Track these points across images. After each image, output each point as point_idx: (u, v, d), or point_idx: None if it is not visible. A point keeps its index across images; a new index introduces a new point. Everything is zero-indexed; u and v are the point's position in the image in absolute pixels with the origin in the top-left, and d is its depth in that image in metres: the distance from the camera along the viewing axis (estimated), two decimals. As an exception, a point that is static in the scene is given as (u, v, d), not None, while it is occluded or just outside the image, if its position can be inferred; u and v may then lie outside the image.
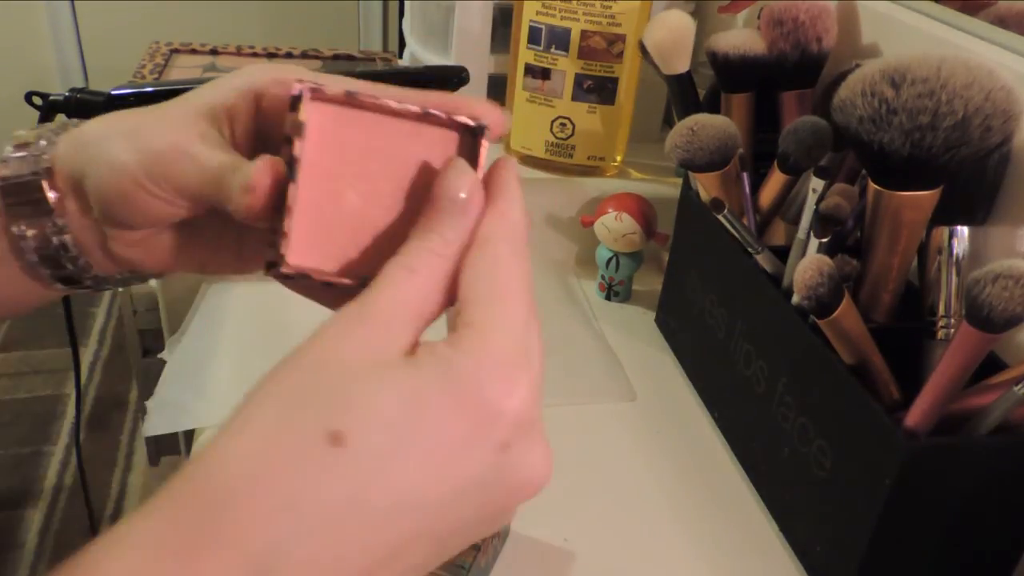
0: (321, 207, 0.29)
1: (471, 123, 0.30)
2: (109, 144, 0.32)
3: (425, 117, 0.30)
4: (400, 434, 0.23)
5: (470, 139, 0.30)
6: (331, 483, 0.22)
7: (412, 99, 0.30)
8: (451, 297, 0.27)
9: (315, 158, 0.29)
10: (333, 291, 0.29)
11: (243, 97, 0.33)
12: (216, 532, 0.22)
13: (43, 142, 0.34)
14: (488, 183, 0.29)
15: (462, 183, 0.27)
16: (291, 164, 0.28)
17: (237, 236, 0.37)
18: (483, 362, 0.25)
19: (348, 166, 0.29)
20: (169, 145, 0.31)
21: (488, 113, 0.30)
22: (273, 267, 0.29)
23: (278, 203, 0.29)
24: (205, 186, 0.31)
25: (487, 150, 0.30)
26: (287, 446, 0.23)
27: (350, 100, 0.29)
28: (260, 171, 0.28)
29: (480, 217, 0.28)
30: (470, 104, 0.30)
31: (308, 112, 0.28)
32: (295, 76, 0.31)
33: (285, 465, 0.22)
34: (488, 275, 0.27)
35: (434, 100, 0.30)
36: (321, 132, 0.29)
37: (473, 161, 0.29)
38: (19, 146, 0.34)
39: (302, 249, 0.29)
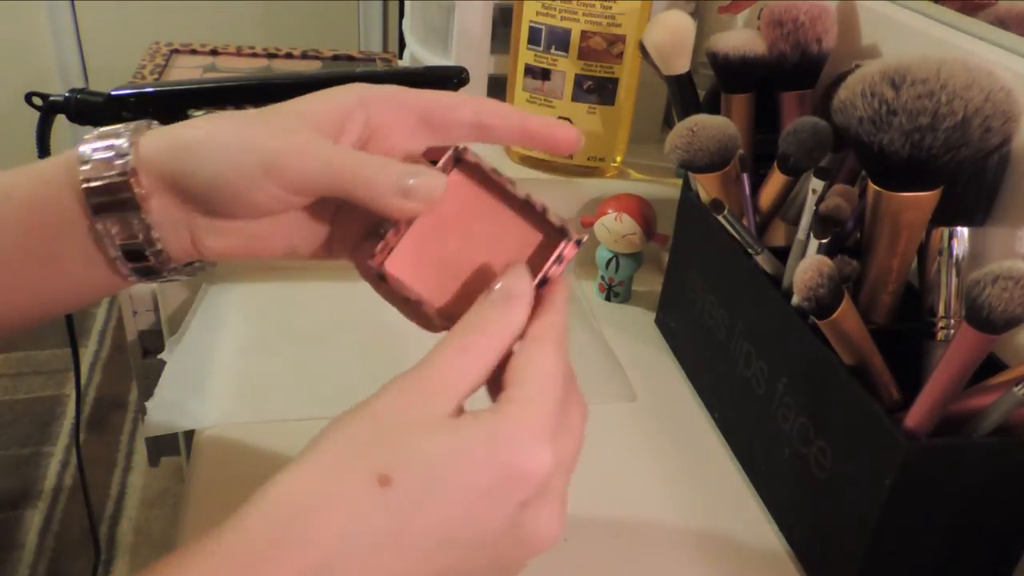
0: (427, 239, 0.36)
1: (559, 224, 0.35)
2: (217, 145, 0.35)
3: (527, 207, 0.35)
4: (437, 481, 0.28)
5: (557, 236, 0.35)
6: (376, 517, 0.27)
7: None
8: (490, 375, 0.32)
9: (440, 204, 0.35)
10: (408, 307, 0.36)
11: (343, 113, 0.37)
12: (277, 551, 0.27)
13: (123, 141, 0.36)
14: (546, 291, 0.34)
15: (513, 287, 0.33)
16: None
17: (331, 221, 0.40)
18: (519, 430, 0.29)
19: (459, 219, 0.35)
20: (288, 144, 0.35)
21: (556, 136, 0.39)
22: (370, 270, 0.36)
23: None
24: (332, 180, 0.34)
25: (572, 251, 0.35)
26: (342, 483, 0.28)
27: (480, 170, 0.36)
28: (433, 185, 0.34)
29: (525, 316, 0.33)
30: (549, 124, 0.38)
31: (449, 168, 0.36)
32: (401, 107, 0.38)
33: (339, 499, 0.27)
34: (533, 364, 0.31)
35: (535, 124, 0.39)
36: (452, 186, 0.35)
37: (546, 256, 0.34)
38: (99, 146, 0.36)
39: (401, 262, 0.36)
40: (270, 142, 0.35)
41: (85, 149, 0.36)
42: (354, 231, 0.40)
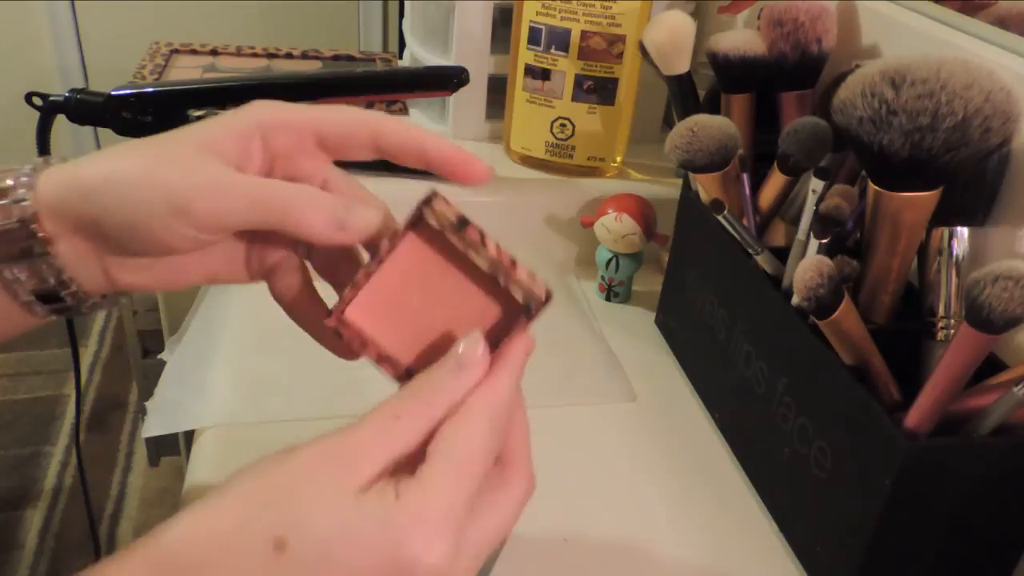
0: (388, 294, 0.34)
1: (521, 303, 0.33)
2: (122, 188, 0.33)
3: (391, 245, 0.33)
4: (329, 554, 0.28)
5: (517, 311, 0.33)
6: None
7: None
8: (426, 442, 0.31)
9: (403, 255, 0.34)
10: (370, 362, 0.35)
11: (244, 139, 0.35)
12: None
13: (20, 188, 0.34)
14: (499, 353, 0.33)
15: (465, 356, 0.32)
16: (384, 250, 0.34)
17: (248, 247, 0.39)
18: (416, 520, 0.29)
19: (423, 275, 0.34)
20: (197, 182, 0.33)
21: (464, 166, 0.35)
22: (329, 315, 0.34)
23: (349, 258, 0.35)
24: (257, 215, 0.34)
25: (531, 326, 0.33)
26: (240, 543, 0.28)
27: (451, 226, 0.33)
28: (369, 221, 0.34)
29: (472, 387, 0.32)
30: (453, 155, 0.35)
31: (420, 219, 0.33)
32: (297, 131, 0.36)
33: (235, 555, 0.28)
34: (456, 441, 0.31)
35: (436, 152, 0.35)
36: (418, 239, 0.34)
37: (507, 329, 0.33)
38: None
39: (361, 312, 0.34)
40: (178, 182, 0.33)
41: None
42: (273, 254, 0.40)
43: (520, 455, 0.34)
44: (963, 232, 0.49)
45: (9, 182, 0.34)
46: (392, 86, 0.83)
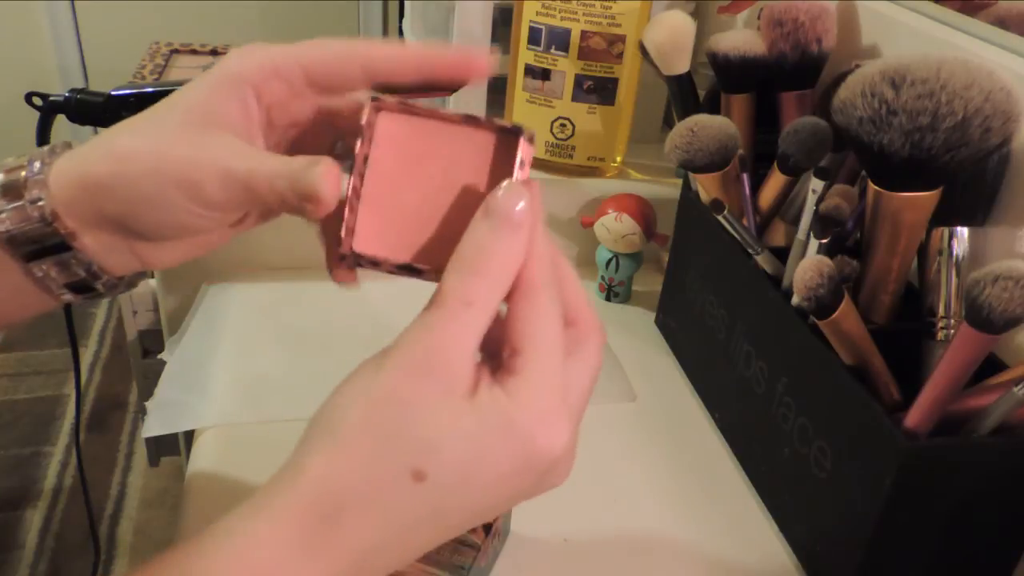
0: (383, 203, 0.33)
1: (508, 125, 0.32)
2: (134, 182, 0.33)
3: (469, 121, 0.32)
4: (467, 471, 0.29)
5: (510, 138, 0.32)
6: (415, 508, 0.29)
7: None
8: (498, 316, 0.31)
9: (379, 161, 0.33)
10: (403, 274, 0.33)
11: (240, 100, 0.34)
12: (331, 537, 0.28)
13: (33, 189, 0.34)
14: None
15: (509, 207, 0.30)
16: (359, 165, 0.32)
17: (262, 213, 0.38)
18: (536, 415, 0.29)
19: (407, 168, 0.33)
20: (211, 171, 0.33)
21: (462, 59, 0.34)
22: (344, 259, 0.33)
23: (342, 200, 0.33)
24: (253, 195, 0.33)
25: (528, 150, 0.32)
26: (381, 479, 0.28)
27: (406, 108, 0.33)
28: (325, 182, 0.31)
29: (527, 242, 0.31)
30: (451, 52, 0.34)
31: (374, 119, 0.32)
32: (287, 81, 0.34)
33: (381, 492, 0.28)
34: (533, 327, 0.30)
35: (435, 55, 0.34)
36: (385, 138, 0.33)
37: (511, 159, 0.32)
38: (7, 195, 0.34)
39: (368, 240, 0.33)
40: (187, 167, 0.33)
41: None
42: None
43: (581, 307, 0.33)
44: (963, 232, 0.49)
45: (23, 175, 0.34)
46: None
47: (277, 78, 0.34)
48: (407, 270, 0.33)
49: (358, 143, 0.32)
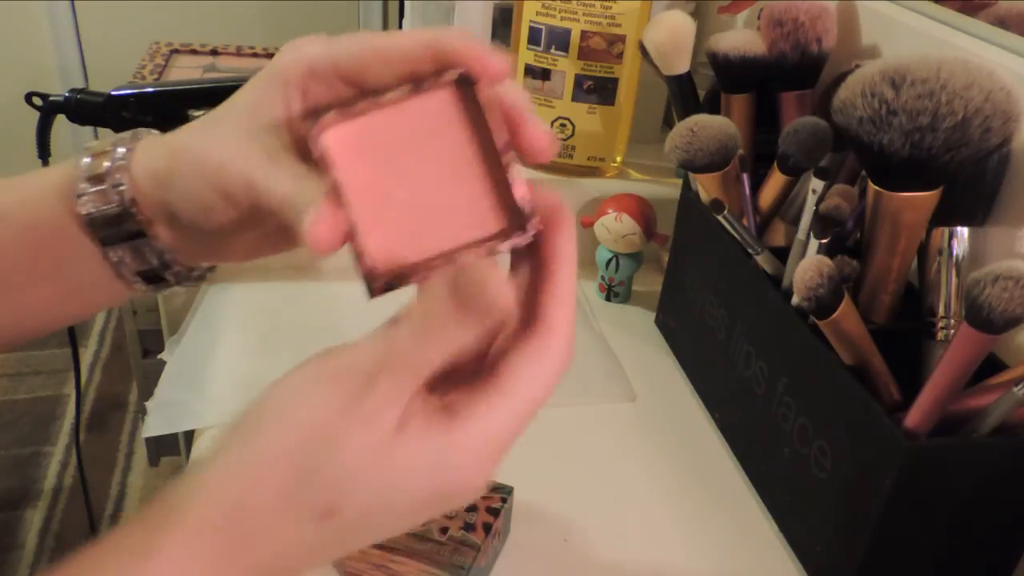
0: (379, 216, 0.31)
1: (455, 76, 0.30)
2: (185, 182, 0.34)
3: (416, 91, 0.30)
4: (378, 510, 0.29)
5: (467, 89, 0.30)
6: (320, 541, 0.29)
7: (407, 50, 0.31)
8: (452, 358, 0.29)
9: (350, 178, 0.31)
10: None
11: (285, 103, 0.33)
12: (237, 561, 0.28)
13: (116, 173, 0.35)
14: (549, 268, 0.30)
15: (490, 295, 0.28)
16: (335, 192, 0.30)
17: None
18: (467, 459, 0.29)
19: (380, 170, 0.31)
20: (238, 179, 0.33)
21: (480, 59, 0.30)
22: (371, 291, 0.31)
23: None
24: (280, 213, 0.32)
25: (491, 95, 0.30)
26: (294, 517, 0.28)
27: (346, 114, 0.31)
28: (317, 227, 0.30)
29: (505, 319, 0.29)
30: (459, 50, 0.31)
31: (322, 144, 0.30)
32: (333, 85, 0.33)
33: (289, 528, 0.28)
34: (526, 379, 0.29)
35: (427, 38, 0.31)
36: (343, 154, 0.31)
37: (478, 105, 0.30)
38: (92, 178, 0.35)
39: (384, 258, 0.31)
40: (226, 178, 0.33)
41: (81, 185, 0.35)
42: None
43: (558, 319, 0.30)
44: (963, 232, 0.49)
45: (106, 165, 0.35)
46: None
47: (314, 77, 0.33)
48: (438, 264, 0.31)
49: (328, 172, 0.30)
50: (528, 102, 0.32)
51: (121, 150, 0.35)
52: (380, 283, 0.31)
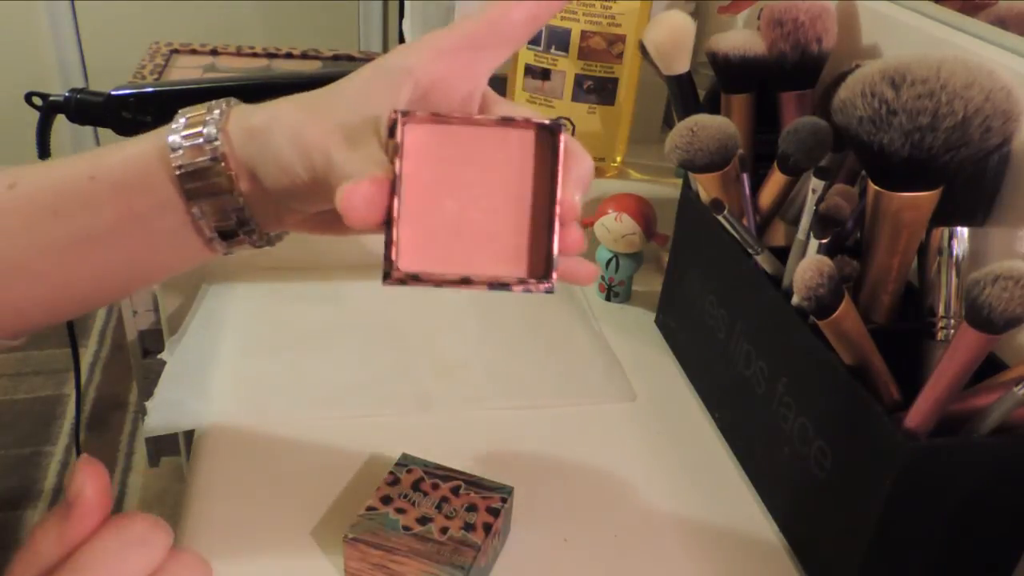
0: (423, 216, 0.32)
1: (547, 122, 0.32)
2: (274, 139, 0.37)
3: (505, 122, 0.32)
4: None
5: (548, 135, 0.32)
6: None
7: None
8: None
9: (413, 173, 0.32)
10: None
11: (395, 90, 0.36)
12: None
13: (211, 128, 0.37)
14: None
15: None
16: (394, 182, 0.32)
17: None
18: None
19: (443, 176, 0.32)
20: (320, 152, 0.35)
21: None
22: (387, 277, 0.32)
23: (387, 216, 0.32)
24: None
25: (566, 143, 0.32)
26: None
27: (437, 118, 0.33)
28: (355, 194, 0.32)
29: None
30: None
31: (403, 134, 0.32)
32: (450, 60, 0.37)
33: None
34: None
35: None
36: (417, 150, 0.32)
37: (554, 156, 0.32)
38: (188, 134, 0.38)
39: (410, 256, 0.32)
40: (312, 143, 0.36)
41: (175, 138, 0.38)
42: None
43: None
44: (963, 232, 0.49)
45: (203, 121, 0.38)
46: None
47: (440, 58, 0.37)
48: (453, 283, 0.32)
49: (395, 161, 0.32)
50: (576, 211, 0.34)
51: (217, 111, 0.38)
52: (396, 277, 0.32)
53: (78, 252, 0.38)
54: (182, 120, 0.38)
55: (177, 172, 0.37)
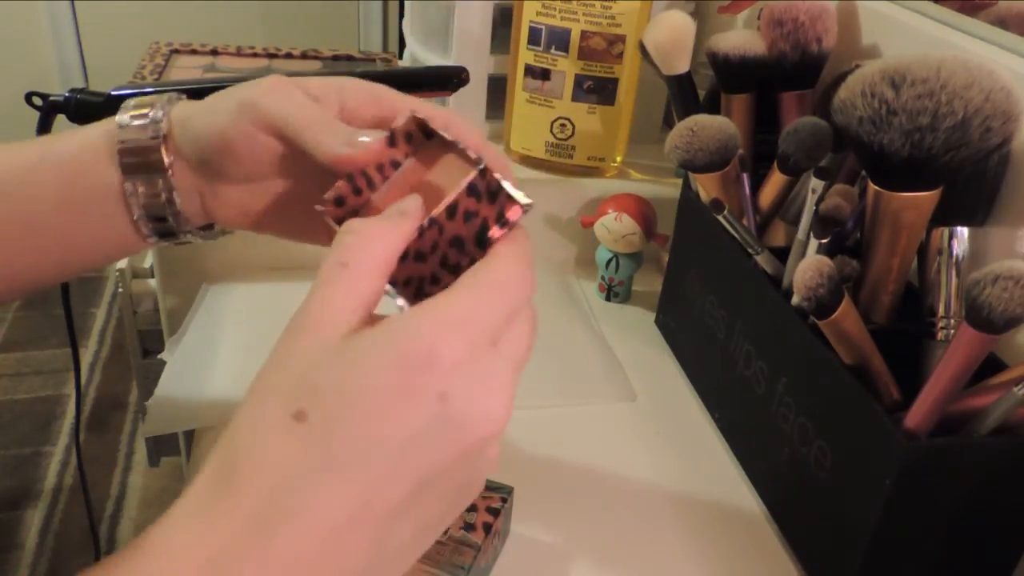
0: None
1: (475, 157, 0.33)
2: (215, 103, 0.40)
3: (460, 153, 0.35)
4: (346, 396, 0.27)
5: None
6: (303, 449, 0.27)
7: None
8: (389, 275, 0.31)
9: (411, 171, 0.37)
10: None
11: (325, 93, 0.40)
12: (225, 497, 0.27)
13: (159, 111, 0.40)
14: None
15: (404, 205, 0.33)
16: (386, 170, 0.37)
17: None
18: (423, 319, 0.28)
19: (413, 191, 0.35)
20: (269, 90, 0.38)
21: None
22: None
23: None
24: (290, 122, 0.38)
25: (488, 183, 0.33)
26: (265, 429, 0.28)
27: (436, 136, 0.36)
28: (347, 148, 0.36)
29: (407, 229, 0.32)
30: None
31: (405, 131, 0.36)
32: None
33: (266, 441, 0.27)
34: (482, 270, 0.30)
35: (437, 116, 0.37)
36: (422, 153, 0.37)
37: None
38: (136, 115, 0.40)
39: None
40: (253, 91, 0.39)
41: (123, 117, 0.40)
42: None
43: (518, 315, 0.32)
44: (963, 232, 0.49)
45: (152, 105, 0.41)
46: (392, 86, 0.83)
47: (371, 101, 0.41)
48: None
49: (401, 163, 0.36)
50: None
51: (165, 98, 0.41)
52: (330, 214, 0.36)
53: (18, 232, 0.40)
54: (133, 102, 0.41)
55: (119, 146, 0.40)
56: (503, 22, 0.84)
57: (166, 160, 0.40)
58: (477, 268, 0.30)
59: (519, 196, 0.31)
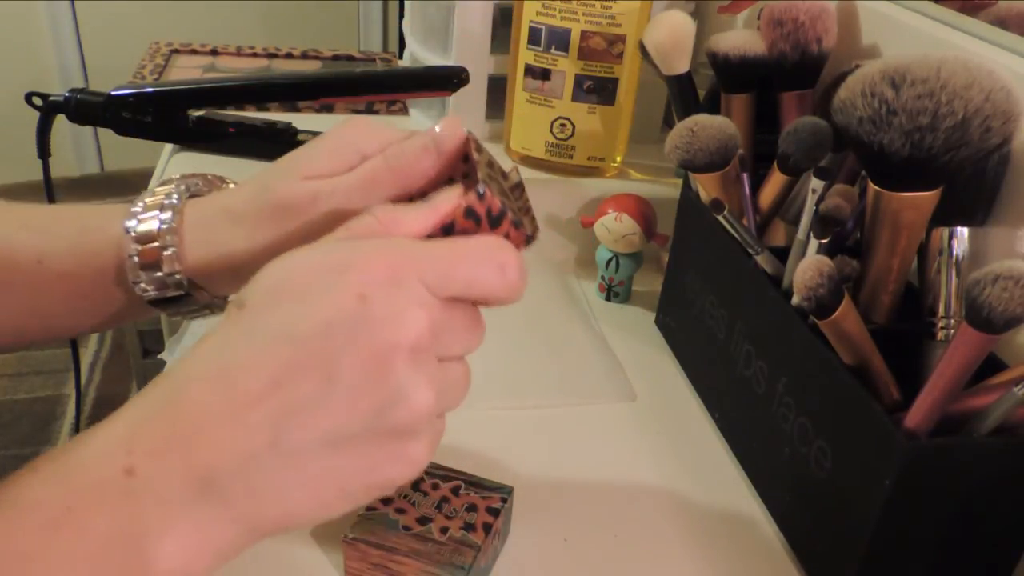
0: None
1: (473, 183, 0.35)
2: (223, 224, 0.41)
3: (470, 169, 0.38)
4: (278, 290, 0.31)
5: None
6: (233, 328, 0.31)
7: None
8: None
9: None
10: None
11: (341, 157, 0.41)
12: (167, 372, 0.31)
13: (174, 265, 0.40)
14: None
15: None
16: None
17: None
18: (365, 222, 0.32)
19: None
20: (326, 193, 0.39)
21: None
22: (531, 240, 0.36)
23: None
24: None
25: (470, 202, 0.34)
26: (219, 326, 0.31)
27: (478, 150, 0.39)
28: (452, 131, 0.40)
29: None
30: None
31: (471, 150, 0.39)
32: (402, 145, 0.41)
33: (216, 331, 0.31)
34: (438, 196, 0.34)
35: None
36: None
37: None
38: (144, 267, 0.40)
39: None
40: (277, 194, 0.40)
41: (133, 221, 0.40)
42: None
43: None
44: (963, 232, 0.49)
45: (160, 205, 0.41)
46: (392, 86, 0.83)
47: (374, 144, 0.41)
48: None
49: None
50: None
51: (168, 237, 0.40)
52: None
53: (26, 314, 0.42)
54: (133, 232, 0.40)
55: (146, 299, 0.41)
56: (503, 22, 0.85)
57: (197, 298, 0.41)
58: (457, 237, 0.33)
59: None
